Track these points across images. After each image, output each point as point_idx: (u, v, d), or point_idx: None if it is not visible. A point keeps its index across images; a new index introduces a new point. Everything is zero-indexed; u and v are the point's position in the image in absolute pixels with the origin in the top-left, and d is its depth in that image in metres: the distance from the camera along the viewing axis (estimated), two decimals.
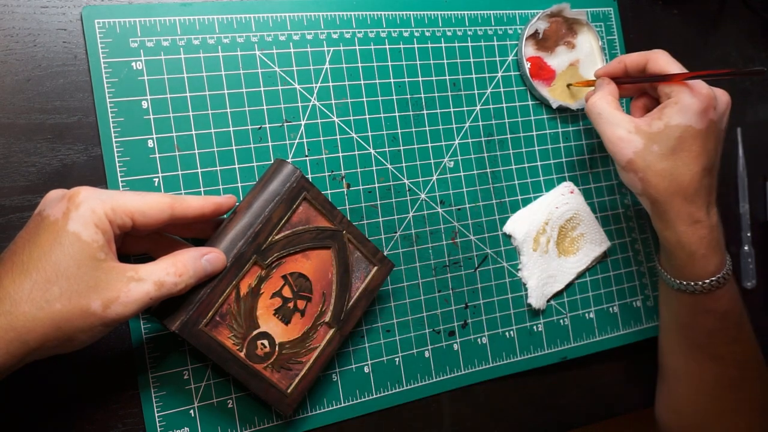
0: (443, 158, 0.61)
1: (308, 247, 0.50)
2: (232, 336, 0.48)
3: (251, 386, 0.49)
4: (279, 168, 0.49)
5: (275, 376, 0.50)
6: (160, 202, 0.43)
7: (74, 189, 0.41)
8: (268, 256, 0.48)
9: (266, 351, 0.49)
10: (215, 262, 0.45)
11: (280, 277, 0.49)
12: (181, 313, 0.45)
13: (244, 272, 0.47)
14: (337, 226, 0.51)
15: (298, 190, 0.49)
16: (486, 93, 0.63)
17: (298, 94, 0.56)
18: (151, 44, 0.52)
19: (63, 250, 0.39)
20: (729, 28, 0.79)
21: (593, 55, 0.68)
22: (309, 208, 0.50)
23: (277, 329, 0.50)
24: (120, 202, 0.41)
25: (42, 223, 0.40)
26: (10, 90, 0.49)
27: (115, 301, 0.39)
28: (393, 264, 0.54)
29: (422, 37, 0.61)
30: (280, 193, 0.48)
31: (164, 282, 0.42)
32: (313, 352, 0.51)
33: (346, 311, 0.52)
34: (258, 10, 0.55)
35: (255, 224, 0.47)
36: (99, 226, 0.40)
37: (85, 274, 0.39)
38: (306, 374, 0.51)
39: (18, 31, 0.49)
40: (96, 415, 0.49)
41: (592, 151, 0.68)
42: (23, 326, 0.37)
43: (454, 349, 0.60)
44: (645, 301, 0.68)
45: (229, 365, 0.48)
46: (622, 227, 0.68)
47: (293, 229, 0.49)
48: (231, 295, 0.47)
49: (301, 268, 0.50)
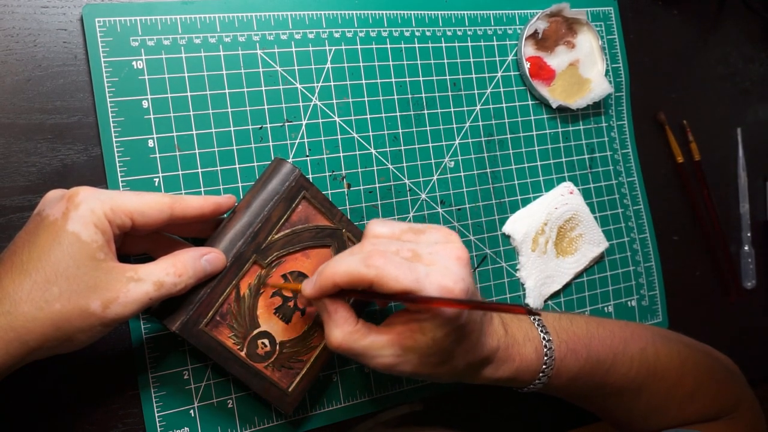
0: (444, 158, 0.61)
1: (308, 246, 0.50)
2: (233, 335, 0.48)
3: (252, 385, 0.49)
4: (278, 167, 0.49)
5: (276, 375, 0.50)
6: (160, 202, 0.43)
7: (73, 189, 0.41)
8: (268, 256, 0.48)
9: (267, 350, 0.49)
10: (215, 262, 0.45)
11: (280, 276, 0.49)
12: (182, 314, 0.45)
13: (244, 272, 0.47)
14: (336, 225, 0.51)
15: (297, 188, 0.49)
16: (486, 93, 0.63)
17: (300, 93, 0.56)
18: (151, 43, 0.52)
19: (62, 250, 0.39)
20: (729, 28, 0.79)
21: (593, 54, 0.68)
22: (308, 207, 0.50)
23: (278, 328, 0.50)
24: (119, 202, 0.41)
25: (41, 223, 0.40)
26: (10, 90, 0.49)
27: (115, 302, 0.39)
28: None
29: (423, 36, 0.61)
30: (279, 192, 0.48)
31: (164, 282, 0.41)
32: (313, 351, 0.51)
33: None
34: (259, 9, 0.55)
35: (254, 224, 0.47)
36: (98, 226, 0.40)
37: (85, 274, 0.39)
38: (307, 373, 0.51)
39: (18, 31, 0.49)
40: (96, 415, 0.49)
41: (592, 151, 0.68)
42: (23, 326, 0.37)
43: None
44: (640, 300, 0.68)
45: (230, 365, 0.47)
46: (621, 227, 0.68)
47: (293, 228, 0.49)
48: (231, 295, 0.47)
49: (301, 266, 0.50)
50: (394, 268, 0.41)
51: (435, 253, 0.44)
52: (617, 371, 0.54)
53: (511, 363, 0.49)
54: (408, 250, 0.44)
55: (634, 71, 0.71)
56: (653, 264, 0.70)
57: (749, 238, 0.77)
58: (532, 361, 0.50)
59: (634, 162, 0.70)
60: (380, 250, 0.43)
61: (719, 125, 0.78)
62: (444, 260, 0.43)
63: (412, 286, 0.41)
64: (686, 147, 0.75)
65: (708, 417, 0.57)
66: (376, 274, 0.41)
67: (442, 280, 0.42)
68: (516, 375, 0.49)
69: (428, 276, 0.42)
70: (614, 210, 0.68)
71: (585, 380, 0.53)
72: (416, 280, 0.41)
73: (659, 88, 0.74)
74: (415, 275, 0.42)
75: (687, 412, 0.56)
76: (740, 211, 0.78)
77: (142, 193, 0.43)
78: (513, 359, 0.49)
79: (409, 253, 0.44)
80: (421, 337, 0.44)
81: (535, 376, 0.51)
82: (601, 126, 0.69)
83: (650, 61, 0.74)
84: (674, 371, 0.56)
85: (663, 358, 0.56)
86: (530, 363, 0.50)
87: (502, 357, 0.48)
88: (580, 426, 0.66)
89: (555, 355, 0.51)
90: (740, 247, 0.77)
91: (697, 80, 0.77)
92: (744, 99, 0.79)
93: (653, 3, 0.75)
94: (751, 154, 0.78)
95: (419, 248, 0.44)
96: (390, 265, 0.42)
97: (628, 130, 0.70)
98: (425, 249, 0.44)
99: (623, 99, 0.70)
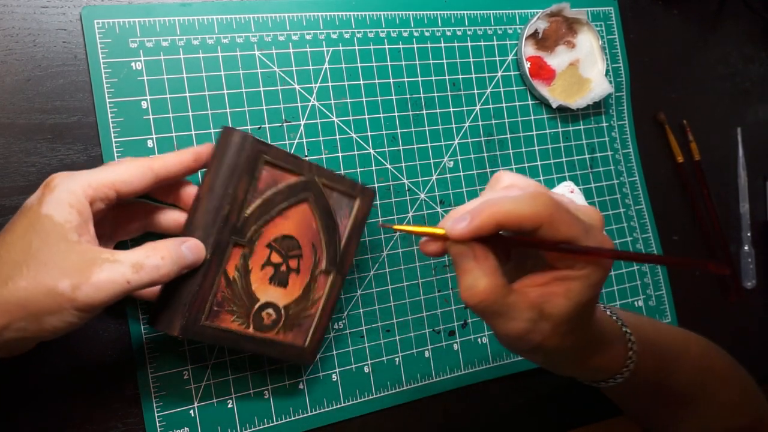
0: (443, 158, 0.61)
1: (284, 208, 0.48)
2: (235, 318, 0.47)
3: (270, 354, 0.49)
4: (228, 138, 0.45)
5: (289, 337, 0.50)
6: (140, 166, 0.43)
7: (50, 176, 0.41)
8: (246, 232, 0.46)
9: (273, 318, 0.49)
10: (195, 250, 0.44)
11: (264, 247, 0.48)
12: (178, 317, 0.44)
13: (227, 257, 0.46)
14: (307, 176, 0.48)
15: (255, 155, 0.45)
16: (486, 93, 0.63)
17: (298, 94, 0.56)
18: (150, 44, 0.52)
19: (35, 231, 0.38)
20: (729, 28, 0.79)
21: (593, 54, 0.68)
22: (272, 170, 0.47)
23: (278, 295, 0.49)
24: (98, 177, 0.41)
25: (20, 211, 0.40)
26: (10, 90, 0.49)
27: (86, 283, 0.38)
28: (374, 191, 0.52)
29: (422, 37, 0.61)
30: (237, 166, 0.45)
31: (143, 264, 0.40)
32: (318, 302, 0.51)
33: (340, 253, 0.51)
34: (257, 11, 0.55)
35: (223, 206, 0.45)
36: (74, 206, 0.39)
37: (56, 255, 0.38)
38: (318, 324, 0.51)
39: (18, 31, 0.49)
40: (96, 415, 0.49)
41: (592, 151, 0.68)
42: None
43: (454, 349, 0.60)
44: (647, 300, 0.68)
45: (242, 345, 0.47)
46: (623, 227, 0.68)
47: (263, 196, 0.47)
48: (221, 283, 0.46)
49: (283, 230, 0.49)
50: (566, 212, 0.38)
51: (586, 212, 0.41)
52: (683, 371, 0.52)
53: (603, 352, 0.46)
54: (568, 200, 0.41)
55: (634, 71, 0.71)
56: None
57: (749, 238, 0.77)
58: (619, 353, 0.47)
59: (635, 162, 0.70)
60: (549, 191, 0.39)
61: (719, 125, 0.78)
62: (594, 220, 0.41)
63: (581, 234, 0.38)
64: (686, 147, 0.75)
65: (744, 428, 0.56)
66: (550, 214, 0.37)
67: (601, 236, 0.39)
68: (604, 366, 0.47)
69: (592, 229, 0.39)
70: (616, 210, 0.68)
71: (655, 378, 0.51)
72: (585, 230, 0.38)
73: (659, 88, 0.74)
74: (583, 224, 0.38)
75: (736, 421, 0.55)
76: (740, 211, 0.78)
77: (119, 162, 0.43)
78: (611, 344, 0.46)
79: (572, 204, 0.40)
80: (564, 301, 0.39)
81: (619, 370, 0.47)
82: (601, 126, 0.69)
83: (650, 61, 0.73)
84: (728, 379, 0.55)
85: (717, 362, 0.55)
86: (618, 355, 0.47)
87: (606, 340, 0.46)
88: (584, 425, 0.66)
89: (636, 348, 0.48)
90: (740, 247, 0.77)
91: (697, 80, 0.77)
92: (744, 99, 0.79)
93: (653, 3, 0.75)
94: (751, 154, 0.78)
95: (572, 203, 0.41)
96: (563, 208, 0.38)
97: (628, 130, 0.70)
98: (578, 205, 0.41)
99: (623, 99, 0.70)
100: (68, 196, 0.40)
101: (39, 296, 0.37)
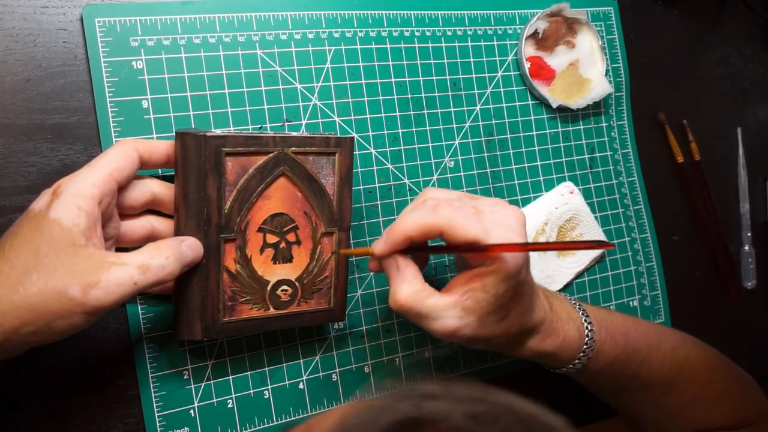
0: (443, 158, 0.61)
1: (262, 190, 0.48)
2: (253, 306, 0.48)
3: (300, 325, 0.51)
4: (184, 142, 0.46)
5: (312, 304, 0.51)
6: (125, 149, 0.44)
7: (57, 182, 0.42)
8: (233, 226, 0.47)
9: (290, 293, 0.50)
10: (194, 248, 0.45)
11: (256, 233, 0.48)
12: (197, 323, 0.46)
13: (223, 255, 0.47)
14: (274, 150, 0.48)
15: (215, 152, 0.45)
16: (486, 93, 0.63)
17: (299, 93, 0.56)
18: (151, 43, 0.52)
19: (43, 236, 0.39)
20: (729, 28, 0.79)
21: (593, 54, 0.68)
22: (237, 158, 0.46)
23: (286, 270, 0.50)
24: (98, 173, 0.42)
25: (26, 216, 0.41)
26: (10, 90, 0.49)
27: (95, 286, 0.39)
28: (352, 137, 0.51)
29: (423, 36, 0.61)
30: (200, 168, 0.45)
31: (149, 265, 0.41)
32: (330, 263, 0.51)
33: (335, 211, 0.51)
34: (259, 9, 0.55)
35: (201, 211, 0.45)
36: (82, 208, 0.40)
37: (64, 260, 0.39)
38: (336, 283, 0.52)
39: (18, 31, 0.49)
40: (96, 415, 0.49)
41: (592, 151, 0.68)
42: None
43: (454, 348, 0.60)
44: (642, 300, 0.68)
45: (268, 326, 0.49)
46: (621, 227, 0.68)
47: (236, 186, 0.46)
48: (225, 280, 0.47)
49: (270, 210, 0.49)
50: (462, 217, 0.44)
51: (495, 212, 0.46)
52: (651, 364, 0.55)
53: (555, 337, 0.51)
54: (470, 206, 0.46)
55: (634, 71, 0.71)
56: (654, 264, 0.70)
57: (749, 238, 0.77)
58: (574, 339, 0.51)
59: (634, 162, 0.70)
60: (447, 202, 0.46)
61: (719, 125, 0.78)
62: (504, 218, 0.46)
63: (481, 234, 0.44)
64: (686, 147, 0.75)
65: (730, 426, 0.57)
66: (446, 222, 0.44)
67: (505, 233, 0.45)
68: (558, 351, 0.51)
69: (494, 228, 0.44)
70: (614, 210, 0.68)
71: (619, 368, 0.54)
72: (484, 230, 0.44)
73: (659, 88, 0.74)
74: (482, 225, 0.44)
75: (711, 417, 0.57)
76: (740, 211, 0.78)
77: (104, 153, 0.44)
78: (557, 334, 0.51)
79: (472, 210, 0.46)
80: (483, 295, 0.45)
81: (575, 356, 0.52)
82: (601, 126, 0.69)
83: (650, 61, 0.74)
84: (703, 374, 0.57)
85: (693, 359, 0.57)
86: (572, 341, 0.51)
87: (547, 330, 0.50)
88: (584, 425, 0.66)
89: (595, 337, 0.52)
90: (740, 247, 0.77)
91: (697, 80, 0.77)
92: (744, 99, 0.79)
93: (653, 3, 0.75)
94: (751, 154, 0.78)
95: (479, 206, 0.46)
96: (458, 214, 0.44)
97: (628, 130, 0.70)
98: (486, 207, 0.46)
99: (623, 99, 0.70)
100: (75, 199, 0.40)
101: (50, 302, 0.38)
